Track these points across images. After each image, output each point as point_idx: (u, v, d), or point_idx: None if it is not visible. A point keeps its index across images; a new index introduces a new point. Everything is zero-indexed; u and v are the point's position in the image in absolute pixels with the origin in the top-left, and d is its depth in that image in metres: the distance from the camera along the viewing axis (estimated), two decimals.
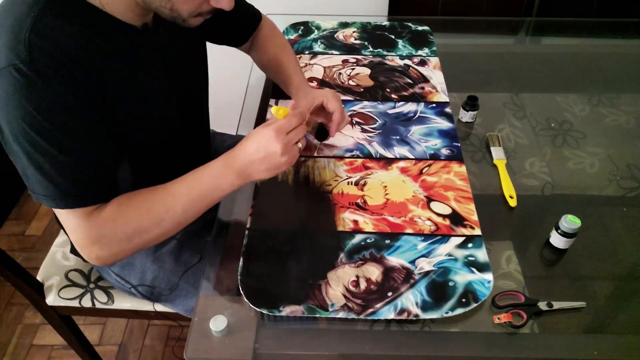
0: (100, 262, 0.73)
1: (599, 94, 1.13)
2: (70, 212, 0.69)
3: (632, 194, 0.90)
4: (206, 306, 0.73)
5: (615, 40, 1.37)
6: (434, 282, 0.74)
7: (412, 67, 1.16)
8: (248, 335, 0.69)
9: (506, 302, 0.72)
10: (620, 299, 0.76)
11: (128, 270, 0.95)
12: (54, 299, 1.02)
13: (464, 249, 0.78)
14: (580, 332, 0.72)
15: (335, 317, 0.70)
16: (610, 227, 0.86)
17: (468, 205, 0.85)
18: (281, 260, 0.77)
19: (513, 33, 1.43)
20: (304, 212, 0.85)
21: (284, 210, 0.85)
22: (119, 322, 1.51)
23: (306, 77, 1.03)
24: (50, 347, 1.44)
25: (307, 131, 0.84)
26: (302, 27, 1.31)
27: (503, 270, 0.77)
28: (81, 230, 0.70)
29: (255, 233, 0.81)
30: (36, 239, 1.71)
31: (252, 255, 0.78)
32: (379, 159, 0.93)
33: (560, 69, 1.23)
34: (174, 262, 0.94)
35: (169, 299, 0.95)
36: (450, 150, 0.95)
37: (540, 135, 1.02)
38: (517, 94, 1.12)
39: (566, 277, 0.79)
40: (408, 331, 0.70)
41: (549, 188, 0.91)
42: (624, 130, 1.04)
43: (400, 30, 1.30)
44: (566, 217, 0.78)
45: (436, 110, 1.04)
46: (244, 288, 0.73)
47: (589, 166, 0.95)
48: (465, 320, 0.71)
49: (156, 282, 0.94)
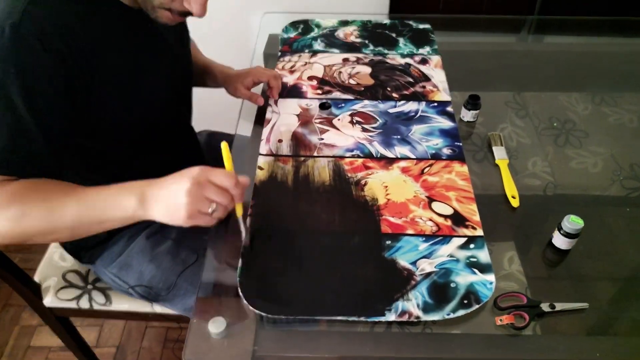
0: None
1: (601, 93, 1.12)
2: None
3: (635, 194, 0.90)
4: (205, 308, 0.72)
5: (619, 38, 1.37)
6: (436, 283, 0.73)
7: (413, 66, 1.15)
8: (247, 337, 0.68)
9: (508, 304, 0.71)
10: (624, 300, 0.75)
11: (125, 271, 0.95)
12: (51, 300, 1.01)
13: (466, 250, 0.77)
14: (583, 334, 0.71)
15: (335, 319, 0.69)
16: (613, 227, 0.85)
17: (470, 206, 0.84)
18: (280, 262, 0.76)
19: (515, 31, 1.42)
20: (304, 212, 0.84)
21: (283, 211, 0.84)
22: (116, 323, 1.50)
23: (305, 76, 1.03)
24: (48, 349, 1.43)
25: (237, 216, 0.73)
26: (302, 25, 1.30)
27: (505, 271, 0.76)
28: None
29: (254, 233, 0.80)
30: None
31: (251, 256, 0.77)
32: (379, 158, 0.92)
33: (563, 67, 1.23)
34: (172, 261, 0.93)
35: (167, 299, 0.95)
36: (451, 149, 0.94)
37: (542, 134, 1.01)
38: (519, 93, 1.11)
39: (569, 278, 0.78)
40: (409, 333, 0.69)
41: (552, 188, 0.90)
42: (627, 129, 1.03)
43: (401, 29, 1.29)
44: (569, 217, 0.77)
45: (437, 110, 1.03)
46: (243, 290, 0.72)
47: (592, 166, 0.94)
48: (467, 322, 0.70)
49: (154, 281, 0.93)
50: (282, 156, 0.93)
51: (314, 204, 0.85)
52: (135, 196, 0.66)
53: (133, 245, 0.94)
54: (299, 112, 1.02)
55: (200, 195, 0.64)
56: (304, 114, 1.02)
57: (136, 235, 0.95)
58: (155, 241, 0.94)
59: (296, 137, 0.97)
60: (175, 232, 0.95)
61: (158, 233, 0.95)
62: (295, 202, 0.85)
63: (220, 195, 0.65)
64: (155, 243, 0.94)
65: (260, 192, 0.87)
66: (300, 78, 1.12)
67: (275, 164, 0.91)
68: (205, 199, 0.65)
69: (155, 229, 0.95)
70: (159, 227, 0.95)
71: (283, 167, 0.91)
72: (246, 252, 0.77)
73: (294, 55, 1.18)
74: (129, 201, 0.66)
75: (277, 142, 0.96)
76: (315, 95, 1.06)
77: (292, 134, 0.97)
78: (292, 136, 0.97)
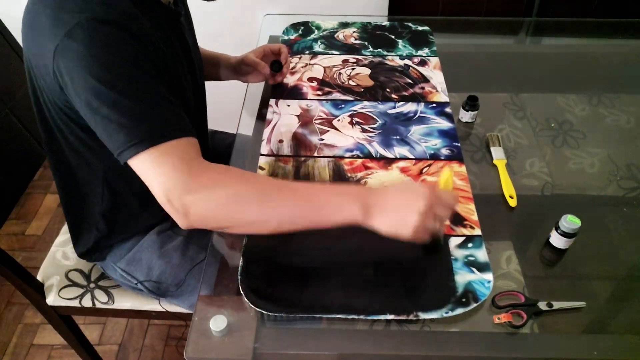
0: (186, 219, 0.66)
1: (599, 94, 1.13)
2: (164, 154, 0.63)
3: (632, 194, 0.90)
4: (206, 306, 0.73)
5: (616, 40, 1.37)
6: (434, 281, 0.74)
7: (412, 67, 1.16)
8: (248, 335, 0.69)
9: (506, 302, 0.72)
10: (620, 299, 0.76)
11: (134, 266, 0.95)
12: (54, 299, 1.02)
13: (464, 249, 0.78)
14: (580, 332, 0.72)
15: (335, 317, 0.70)
16: (610, 227, 0.86)
17: (468, 205, 0.85)
18: (281, 260, 0.77)
19: (513, 33, 1.43)
20: None
21: None
22: (119, 321, 1.51)
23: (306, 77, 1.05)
24: (50, 347, 1.44)
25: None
26: (302, 27, 1.31)
27: (503, 270, 0.77)
28: (178, 174, 0.63)
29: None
30: (36, 239, 1.71)
31: (252, 255, 0.78)
32: (379, 159, 0.93)
33: (561, 69, 1.23)
34: (181, 258, 0.94)
35: (175, 295, 0.96)
36: (450, 150, 0.95)
37: (540, 135, 1.02)
38: (517, 94, 1.12)
39: (566, 277, 0.79)
40: (408, 331, 0.70)
41: (549, 188, 0.91)
42: (624, 130, 1.04)
43: (401, 30, 1.30)
44: (566, 217, 0.78)
45: (436, 110, 1.04)
46: (244, 288, 0.73)
47: (589, 166, 0.95)
48: (465, 320, 0.71)
49: (163, 277, 0.94)
50: (282, 156, 0.94)
51: None
52: (359, 205, 0.67)
53: (143, 241, 0.95)
54: (300, 113, 1.03)
55: (431, 215, 0.67)
56: (304, 115, 1.03)
57: (147, 232, 0.95)
58: (165, 237, 0.95)
59: (297, 138, 0.97)
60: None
61: (169, 230, 0.96)
62: None
63: (446, 212, 0.70)
64: (165, 239, 0.95)
65: None
66: (300, 79, 1.13)
67: (276, 164, 0.92)
68: (433, 218, 0.67)
69: (166, 226, 0.96)
70: (171, 224, 0.96)
71: (284, 167, 0.91)
72: (247, 251, 0.78)
73: (295, 57, 1.19)
74: (352, 208, 0.67)
75: (278, 142, 0.97)
76: (315, 96, 1.07)
77: (293, 134, 0.98)
78: (292, 136, 0.98)
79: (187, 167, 0.64)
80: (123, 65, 0.64)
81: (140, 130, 0.64)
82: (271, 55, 1.09)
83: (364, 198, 0.68)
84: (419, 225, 0.66)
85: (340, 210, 0.68)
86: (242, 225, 0.69)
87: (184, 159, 0.65)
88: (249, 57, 1.06)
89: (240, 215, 0.67)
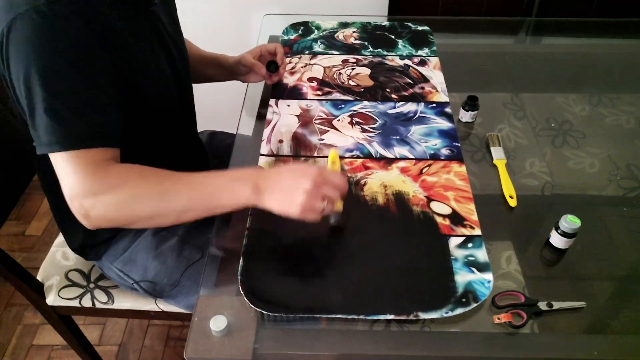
0: (87, 221, 0.69)
1: (599, 94, 1.13)
2: (75, 157, 0.66)
3: (632, 194, 0.90)
4: (206, 306, 0.73)
5: (616, 40, 1.37)
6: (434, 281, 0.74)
7: (412, 67, 1.16)
8: (248, 335, 0.69)
9: (506, 302, 0.72)
10: (621, 299, 0.76)
11: (130, 266, 0.95)
12: (54, 299, 1.02)
13: (464, 249, 0.78)
14: (580, 332, 0.72)
15: (335, 317, 0.70)
16: (610, 227, 0.86)
17: (468, 205, 0.85)
18: (281, 260, 0.77)
19: (513, 33, 1.43)
20: None
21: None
22: (118, 322, 1.51)
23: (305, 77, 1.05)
24: (50, 347, 1.44)
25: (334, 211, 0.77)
26: (302, 27, 1.31)
27: (503, 270, 0.77)
28: (81, 177, 0.67)
29: (255, 233, 0.81)
30: (36, 239, 1.71)
31: (252, 255, 0.78)
32: (379, 159, 0.93)
33: (561, 69, 1.23)
34: (176, 258, 0.94)
35: (171, 295, 0.96)
36: (450, 150, 0.95)
37: (540, 135, 1.02)
38: (517, 94, 1.12)
39: (566, 277, 0.79)
40: (408, 331, 0.70)
41: (549, 188, 0.91)
42: (624, 130, 1.04)
43: (400, 30, 1.30)
44: (566, 217, 0.78)
45: (436, 110, 1.04)
46: (244, 288, 0.73)
47: (589, 166, 0.95)
48: (465, 320, 0.71)
49: (158, 277, 0.94)
50: (282, 156, 0.94)
51: None
52: (250, 186, 0.70)
53: (139, 241, 0.95)
54: (299, 113, 1.03)
55: (317, 194, 0.69)
56: (304, 115, 1.03)
57: (142, 232, 0.95)
58: (161, 238, 0.95)
59: (296, 138, 0.97)
60: (182, 229, 0.96)
61: (165, 230, 0.96)
62: None
63: (334, 193, 0.72)
64: (160, 240, 0.95)
65: None
66: (300, 79, 1.13)
67: (276, 164, 0.92)
68: (320, 198, 0.70)
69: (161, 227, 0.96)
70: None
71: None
72: (247, 251, 0.78)
73: (294, 57, 1.19)
74: (244, 190, 0.70)
75: (278, 142, 0.97)
76: (315, 96, 1.07)
77: (293, 134, 0.98)
78: (292, 136, 0.98)
79: (92, 172, 0.67)
80: (62, 62, 0.65)
81: (59, 132, 0.66)
82: (268, 55, 1.09)
83: (255, 180, 0.71)
84: (305, 204, 0.69)
85: (233, 195, 0.71)
86: (143, 221, 0.73)
87: (92, 164, 0.67)
88: (245, 57, 1.06)
89: (138, 214, 0.70)
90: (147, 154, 0.83)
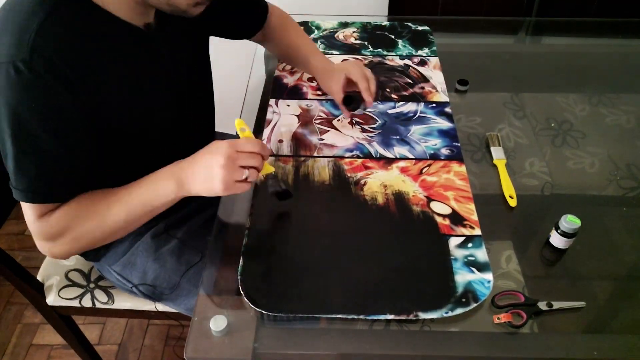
0: (55, 257, 0.77)
1: (599, 94, 1.13)
2: (33, 207, 0.72)
3: (632, 193, 0.91)
4: (206, 306, 0.73)
5: (616, 40, 1.37)
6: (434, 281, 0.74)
7: (412, 67, 1.16)
8: (248, 335, 0.69)
9: (506, 302, 0.72)
10: (620, 299, 0.76)
11: (129, 270, 0.95)
12: (54, 299, 1.02)
13: (464, 249, 0.78)
14: (580, 332, 0.72)
15: (335, 317, 0.70)
16: (610, 227, 0.86)
17: (468, 205, 0.85)
18: (281, 260, 0.77)
19: (513, 33, 1.43)
20: (304, 211, 0.85)
21: (284, 210, 0.85)
22: (118, 321, 1.51)
23: (305, 77, 1.04)
24: (50, 347, 1.44)
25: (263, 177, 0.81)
26: (302, 27, 1.31)
27: (503, 270, 0.77)
28: (38, 226, 0.73)
29: (255, 233, 0.81)
30: None
31: (252, 255, 0.78)
32: (378, 158, 0.93)
33: (560, 68, 1.23)
34: (176, 261, 0.94)
35: (171, 298, 0.96)
36: (450, 150, 0.95)
37: (540, 135, 1.02)
38: (517, 94, 1.12)
39: (566, 277, 0.79)
40: (408, 331, 0.70)
41: (549, 188, 0.91)
42: (624, 130, 1.04)
43: (400, 30, 1.30)
44: (566, 217, 0.78)
45: (436, 110, 1.04)
46: (244, 288, 0.73)
47: (589, 166, 0.95)
48: (465, 320, 0.71)
49: (157, 281, 0.94)
50: (282, 156, 0.94)
51: (313, 203, 0.86)
52: (172, 180, 0.72)
53: (138, 244, 0.95)
54: (299, 113, 1.03)
55: (234, 166, 0.70)
56: (304, 115, 1.03)
57: (142, 235, 0.95)
58: (160, 241, 0.95)
59: (296, 138, 0.97)
60: (181, 232, 0.96)
61: (164, 232, 0.96)
62: (295, 201, 0.86)
63: (252, 160, 0.71)
64: (160, 243, 0.95)
65: (261, 192, 0.88)
66: (300, 79, 1.13)
67: (275, 164, 0.92)
68: (239, 169, 0.70)
69: (161, 229, 0.96)
70: (165, 226, 0.96)
71: (284, 167, 0.91)
72: (247, 251, 0.78)
73: None
74: (168, 187, 0.73)
75: (278, 142, 0.97)
76: (315, 96, 1.07)
77: (293, 134, 0.98)
78: (292, 136, 0.98)
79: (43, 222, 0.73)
80: (33, 122, 0.66)
81: (23, 184, 0.70)
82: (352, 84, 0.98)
83: (175, 174, 0.73)
84: (225, 179, 0.69)
85: (161, 196, 0.73)
86: (102, 242, 0.78)
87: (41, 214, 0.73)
88: (335, 94, 1.00)
89: (90, 243, 0.77)
90: (156, 164, 0.83)
